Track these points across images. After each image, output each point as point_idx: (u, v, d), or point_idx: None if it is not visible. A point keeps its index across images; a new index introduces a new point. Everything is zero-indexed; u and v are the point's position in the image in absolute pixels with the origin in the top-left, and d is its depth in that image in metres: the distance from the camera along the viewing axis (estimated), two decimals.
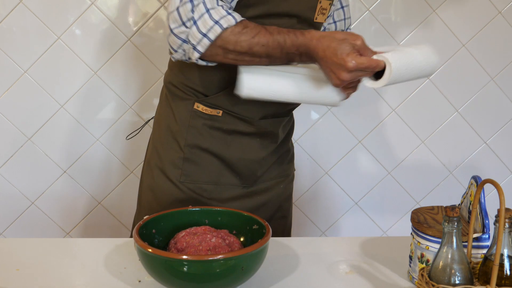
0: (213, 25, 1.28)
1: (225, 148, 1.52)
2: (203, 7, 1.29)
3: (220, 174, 1.53)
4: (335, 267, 1.28)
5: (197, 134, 1.51)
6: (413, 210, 1.23)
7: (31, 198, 2.35)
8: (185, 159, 1.52)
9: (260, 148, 1.55)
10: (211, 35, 1.29)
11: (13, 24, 2.18)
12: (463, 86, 2.43)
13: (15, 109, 2.26)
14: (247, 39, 1.30)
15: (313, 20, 1.48)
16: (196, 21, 1.29)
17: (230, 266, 1.07)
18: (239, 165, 1.54)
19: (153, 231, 1.24)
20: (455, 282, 0.96)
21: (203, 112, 1.50)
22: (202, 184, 1.52)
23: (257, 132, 1.53)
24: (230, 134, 1.51)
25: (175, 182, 1.52)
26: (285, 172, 1.68)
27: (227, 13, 1.30)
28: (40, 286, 1.18)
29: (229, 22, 1.29)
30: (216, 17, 1.29)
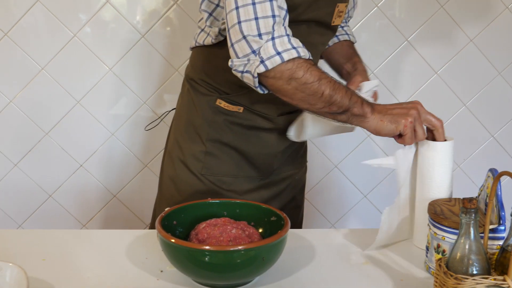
0: (291, 49, 1.28)
1: (245, 143, 1.56)
2: (283, 30, 1.29)
3: (239, 167, 1.57)
4: (351, 258, 1.31)
5: (218, 129, 1.54)
6: (430, 202, 1.26)
7: (48, 191, 2.39)
8: (207, 153, 1.55)
9: (277, 143, 1.59)
10: (285, 56, 1.27)
11: (31, 22, 2.21)
12: (470, 81, 2.45)
13: (33, 104, 2.30)
14: (310, 82, 1.29)
15: (330, 24, 1.52)
16: (274, 37, 1.28)
17: (251, 256, 1.10)
18: (257, 159, 1.58)
19: (174, 223, 1.27)
20: (473, 272, 0.99)
21: (224, 108, 1.53)
22: (222, 176, 1.56)
23: (275, 128, 1.56)
24: (249, 129, 1.55)
25: (197, 175, 1.56)
26: (299, 164, 1.72)
27: (292, 46, 1.29)
28: (65, 275, 1.21)
29: (291, 56, 1.27)
30: (295, 44, 1.29)
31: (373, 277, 1.22)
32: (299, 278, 1.21)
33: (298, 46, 1.30)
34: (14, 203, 2.40)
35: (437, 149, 1.28)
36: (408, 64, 2.39)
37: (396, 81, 2.42)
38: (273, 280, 1.20)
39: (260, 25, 1.27)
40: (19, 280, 1.05)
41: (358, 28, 2.32)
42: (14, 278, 1.07)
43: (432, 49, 2.39)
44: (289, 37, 1.30)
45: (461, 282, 0.97)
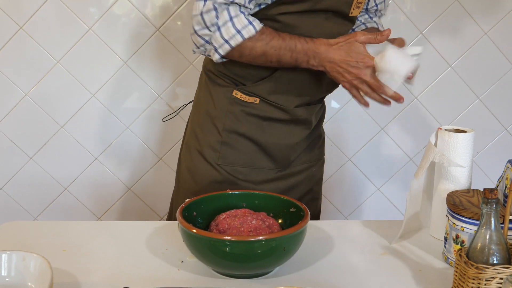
0: (235, 34, 1.41)
1: (261, 134, 1.56)
2: (227, 15, 1.40)
3: (255, 158, 1.58)
4: (369, 249, 1.32)
5: (234, 120, 1.56)
6: (449, 193, 1.27)
7: (64, 184, 2.41)
8: (223, 143, 1.57)
9: (294, 134, 1.59)
10: (232, 43, 1.42)
11: (46, 15, 2.22)
12: (484, 74, 2.45)
13: (48, 98, 2.31)
14: (262, 45, 1.43)
15: (348, 15, 1.52)
16: (220, 27, 1.41)
17: (272, 246, 1.11)
18: (274, 150, 1.58)
19: (194, 214, 1.28)
20: (493, 262, 0.99)
21: (241, 99, 1.55)
22: (238, 167, 1.57)
23: (291, 119, 1.57)
24: (265, 120, 1.56)
25: (213, 165, 1.57)
26: (316, 157, 1.72)
27: (248, 22, 1.41)
28: (86, 266, 1.22)
29: (250, 33, 1.41)
30: (239, 26, 1.41)
31: (391, 267, 1.23)
32: (318, 268, 1.22)
33: (243, 27, 1.41)
34: (30, 196, 2.42)
35: (457, 140, 1.28)
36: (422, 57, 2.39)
37: None
38: (292, 270, 1.21)
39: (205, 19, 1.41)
40: (43, 270, 1.07)
41: None
42: (38, 268, 1.08)
43: (446, 42, 2.38)
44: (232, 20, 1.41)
45: (482, 272, 0.98)
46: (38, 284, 1.07)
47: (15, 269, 1.10)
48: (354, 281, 1.16)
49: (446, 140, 1.29)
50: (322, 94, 1.64)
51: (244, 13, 1.42)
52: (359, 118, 2.44)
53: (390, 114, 2.45)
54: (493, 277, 0.98)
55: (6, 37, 2.23)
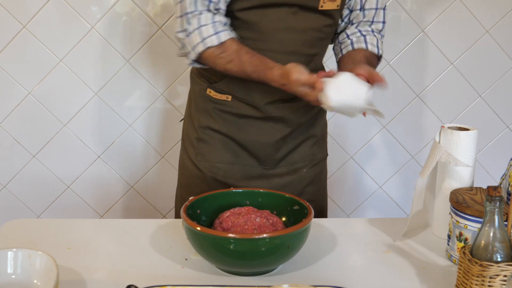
0: (199, 43, 1.45)
1: (237, 131, 1.58)
2: (196, 22, 1.44)
3: (235, 155, 1.59)
4: (372, 246, 1.32)
5: (208, 117, 1.59)
6: (452, 190, 1.27)
7: (66, 182, 2.41)
8: (199, 139, 1.60)
9: (273, 132, 1.58)
10: (197, 50, 1.46)
11: (49, 14, 2.23)
12: (486, 72, 2.45)
13: (51, 96, 2.32)
14: (222, 64, 1.46)
15: (318, 8, 1.48)
16: (190, 33, 1.45)
17: (276, 244, 1.12)
18: (254, 147, 1.59)
19: (198, 212, 1.28)
20: (497, 259, 1.00)
21: (214, 97, 1.57)
22: (216, 163, 1.59)
23: (266, 117, 1.57)
24: (241, 118, 1.57)
25: (193, 161, 1.61)
26: (309, 157, 1.68)
27: (214, 32, 1.43)
28: (91, 263, 1.22)
29: (211, 43, 1.43)
30: (204, 35, 1.44)
31: (395, 265, 1.23)
32: (322, 266, 1.23)
33: (207, 36, 1.44)
34: (33, 194, 2.42)
35: (461, 138, 1.29)
36: (424, 55, 2.40)
37: (411, 72, 2.42)
38: (296, 268, 1.21)
39: (181, 22, 1.46)
40: (48, 268, 1.07)
41: None
42: (43, 266, 1.09)
43: (448, 40, 2.39)
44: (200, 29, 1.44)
45: (486, 269, 0.98)
46: (43, 281, 1.07)
47: (21, 266, 1.10)
48: (357, 279, 1.17)
49: (449, 138, 1.30)
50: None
51: (215, 23, 1.44)
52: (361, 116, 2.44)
53: (392, 112, 2.46)
54: (497, 275, 0.98)
55: (9, 36, 2.23)
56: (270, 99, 1.55)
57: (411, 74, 2.42)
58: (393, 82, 2.41)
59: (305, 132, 1.66)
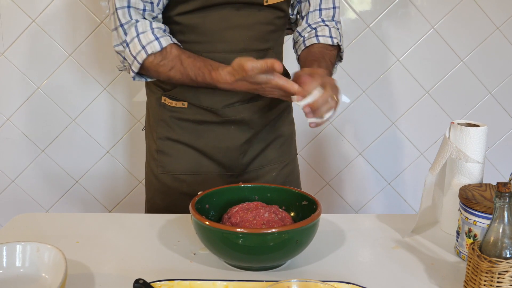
0: (141, 50, 1.36)
1: (197, 138, 1.52)
2: (134, 31, 1.36)
3: (198, 164, 1.53)
4: (381, 242, 1.32)
5: (166, 127, 1.53)
6: (461, 187, 1.26)
7: (75, 177, 2.42)
8: (159, 151, 1.55)
9: (235, 136, 1.53)
10: (139, 59, 1.37)
11: (58, 9, 2.23)
12: (496, 69, 2.44)
13: (60, 91, 2.33)
14: (164, 72, 1.38)
15: (263, 4, 1.43)
16: (128, 43, 1.37)
17: (284, 239, 1.11)
18: (217, 154, 1.53)
19: (207, 206, 1.28)
20: (506, 255, 0.99)
21: (169, 105, 1.51)
22: (180, 174, 1.54)
23: (225, 121, 1.50)
24: (200, 124, 1.51)
25: (156, 174, 1.57)
26: (278, 159, 1.63)
27: (155, 38, 1.36)
28: (100, 257, 1.23)
29: (154, 49, 1.36)
30: (144, 42, 1.36)
31: (404, 261, 1.23)
32: (330, 261, 1.22)
33: (148, 43, 1.36)
34: (41, 188, 2.43)
35: (469, 135, 1.28)
36: (433, 52, 2.39)
37: (421, 69, 2.41)
38: (304, 263, 1.21)
39: (118, 34, 1.39)
40: (57, 261, 1.07)
41: (383, 16, 2.32)
42: (52, 259, 1.09)
43: (458, 36, 2.38)
44: (139, 36, 1.37)
45: (495, 265, 0.98)
46: (52, 275, 1.08)
47: (29, 260, 1.11)
48: (365, 274, 1.16)
49: (459, 134, 1.29)
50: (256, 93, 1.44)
51: (154, 29, 1.37)
52: (370, 112, 2.44)
53: (402, 108, 2.45)
54: (506, 271, 0.98)
55: (19, 31, 2.24)
56: (228, 101, 1.49)
57: (421, 71, 2.41)
58: (403, 79, 2.40)
59: (271, 133, 1.60)
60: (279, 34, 1.54)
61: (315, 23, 1.57)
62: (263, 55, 1.47)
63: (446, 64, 2.41)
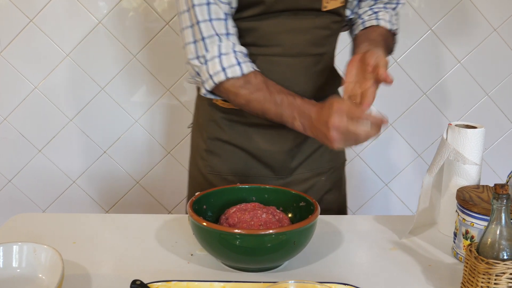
0: (220, 71, 1.33)
1: (247, 140, 1.51)
2: (217, 50, 1.33)
3: (247, 166, 1.53)
4: (378, 244, 1.32)
5: (216, 127, 1.52)
6: (458, 188, 1.26)
7: (72, 177, 2.42)
8: (208, 151, 1.54)
9: (286, 139, 1.51)
10: (215, 79, 1.34)
11: (56, 8, 2.23)
12: (493, 71, 2.44)
13: (58, 91, 2.32)
14: (246, 94, 1.33)
15: (321, 9, 1.41)
16: (207, 61, 1.34)
17: (282, 240, 1.11)
18: (267, 157, 1.52)
19: (204, 207, 1.28)
20: (503, 257, 0.99)
21: (221, 106, 1.50)
22: (228, 175, 1.53)
23: (278, 124, 1.43)
24: (251, 126, 1.50)
25: (203, 173, 1.56)
26: (328, 164, 1.61)
27: (237, 62, 1.33)
28: (97, 258, 1.23)
29: (234, 74, 1.33)
30: (225, 64, 1.33)
31: (401, 262, 1.23)
32: (327, 262, 1.22)
33: (229, 66, 1.33)
34: (38, 188, 2.43)
35: (467, 136, 1.28)
36: (431, 53, 2.39)
37: (419, 70, 2.41)
38: (302, 264, 1.21)
39: (197, 48, 1.35)
40: (54, 262, 1.07)
41: None
42: (49, 260, 1.09)
43: (455, 38, 2.38)
44: (220, 57, 1.33)
45: (492, 267, 0.98)
46: (49, 275, 1.07)
47: (26, 260, 1.11)
48: (363, 276, 1.16)
49: (457, 136, 1.29)
50: (309, 97, 1.41)
51: (236, 52, 1.34)
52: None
53: (399, 110, 2.45)
54: (503, 272, 0.98)
55: (16, 30, 2.24)
56: None
57: (419, 72, 2.41)
58: (400, 80, 2.40)
59: None
60: (334, 38, 1.53)
61: (377, 8, 1.57)
62: (319, 59, 1.47)
63: (443, 65, 2.41)
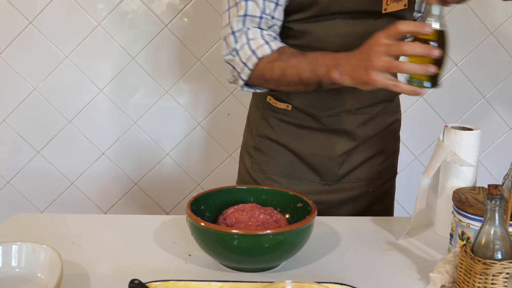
0: (251, 55, 1.32)
1: (296, 142, 1.50)
2: (245, 38, 1.34)
3: (293, 168, 1.52)
4: (375, 245, 1.32)
5: (267, 126, 1.53)
6: (455, 190, 1.27)
7: (71, 178, 2.42)
8: (256, 149, 1.55)
9: (335, 145, 1.49)
10: (249, 64, 1.33)
11: (55, 11, 2.24)
12: (490, 74, 2.45)
13: (57, 93, 2.33)
14: (280, 64, 1.30)
15: (381, 12, 1.37)
16: (238, 51, 1.34)
17: (279, 241, 1.12)
18: (314, 161, 1.50)
19: (202, 208, 1.28)
20: (498, 257, 1.00)
21: (273, 105, 1.50)
22: (273, 175, 1.53)
23: (327, 129, 1.47)
24: (301, 128, 1.50)
25: (249, 170, 1.56)
26: (377, 175, 1.58)
27: (265, 42, 1.32)
28: (95, 258, 1.23)
29: (264, 52, 1.32)
30: (254, 47, 1.32)
31: (398, 263, 1.24)
32: (325, 263, 1.23)
33: (258, 47, 1.32)
34: (37, 189, 2.43)
35: (463, 138, 1.29)
36: None
37: None
38: (299, 264, 1.22)
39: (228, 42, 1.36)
40: (53, 262, 1.07)
41: None
42: (48, 259, 1.09)
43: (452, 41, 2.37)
44: (249, 42, 1.33)
45: (489, 267, 0.99)
46: (48, 275, 1.08)
47: (25, 260, 1.11)
48: (360, 276, 1.17)
49: (453, 138, 1.30)
50: (362, 104, 1.46)
51: (264, 35, 1.33)
52: None
53: None
54: (500, 272, 0.99)
55: (16, 32, 2.24)
56: (333, 111, 1.45)
57: None
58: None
59: (374, 147, 1.54)
60: None
61: None
62: None
63: None
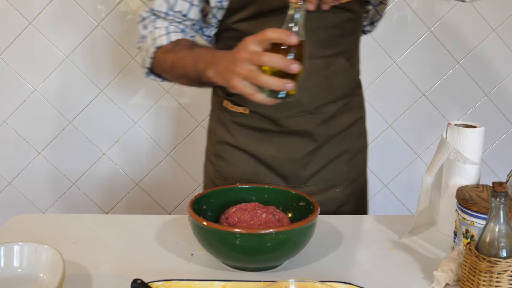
0: (151, 44, 1.36)
1: (256, 146, 1.47)
2: (151, 26, 1.36)
3: (256, 172, 1.49)
4: (378, 244, 1.32)
5: (225, 131, 1.49)
6: (458, 188, 1.27)
7: (72, 179, 2.42)
8: (217, 156, 1.52)
9: (297, 147, 1.46)
10: (150, 52, 1.36)
11: (55, 11, 2.24)
12: (492, 71, 2.45)
13: (57, 93, 2.32)
14: (172, 56, 1.32)
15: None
16: (145, 38, 1.37)
17: (282, 240, 1.11)
18: (276, 164, 1.48)
19: (204, 207, 1.28)
20: (502, 255, 1.00)
21: (231, 109, 1.47)
22: (235, 181, 1.48)
23: (288, 131, 1.44)
24: (260, 132, 1.46)
25: (212, 179, 1.54)
26: (345, 175, 1.54)
27: (166, 32, 1.34)
28: (97, 258, 1.23)
29: (162, 42, 1.34)
30: (156, 36, 1.35)
31: (401, 262, 1.23)
32: (327, 262, 1.22)
33: (159, 36, 1.34)
34: (38, 190, 2.43)
35: (466, 135, 1.28)
36: (430, 54, 2.39)
37: (418, 71, 2.42)
38: (302, 264, 1.21)
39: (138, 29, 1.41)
40: (55, 262, 1.07)
41: None
42: (50, 260, 1.09)
43: (454, 39, 2.38)
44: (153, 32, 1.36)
45: (494, 265, 0.98)
46: (50, 275, 1.07)
47: (27, 260, 1.10)
48: (363, 275, 1.17)
49: (456, 135, 1.30)
50: (319, 103, 1.43)
51: (169, 26, 1.35)
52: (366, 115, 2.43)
53: (398, 111, 2.46)
54: (505, 270, 0.98)
55: (16, 32, 2.24)
56: (290, 111, 1.41)
57: (417, 73, 2.42)
58: (399, 81, 2.41)
59: (338, 147, 1.51)
60: (350, 38, 1.44)
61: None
62: (330, 61, 1.40)
63: (442, 66, 2.42)
